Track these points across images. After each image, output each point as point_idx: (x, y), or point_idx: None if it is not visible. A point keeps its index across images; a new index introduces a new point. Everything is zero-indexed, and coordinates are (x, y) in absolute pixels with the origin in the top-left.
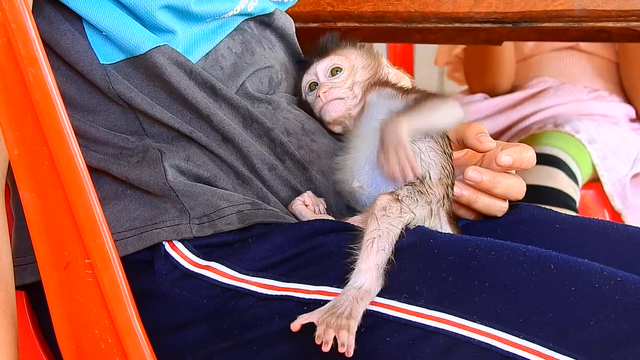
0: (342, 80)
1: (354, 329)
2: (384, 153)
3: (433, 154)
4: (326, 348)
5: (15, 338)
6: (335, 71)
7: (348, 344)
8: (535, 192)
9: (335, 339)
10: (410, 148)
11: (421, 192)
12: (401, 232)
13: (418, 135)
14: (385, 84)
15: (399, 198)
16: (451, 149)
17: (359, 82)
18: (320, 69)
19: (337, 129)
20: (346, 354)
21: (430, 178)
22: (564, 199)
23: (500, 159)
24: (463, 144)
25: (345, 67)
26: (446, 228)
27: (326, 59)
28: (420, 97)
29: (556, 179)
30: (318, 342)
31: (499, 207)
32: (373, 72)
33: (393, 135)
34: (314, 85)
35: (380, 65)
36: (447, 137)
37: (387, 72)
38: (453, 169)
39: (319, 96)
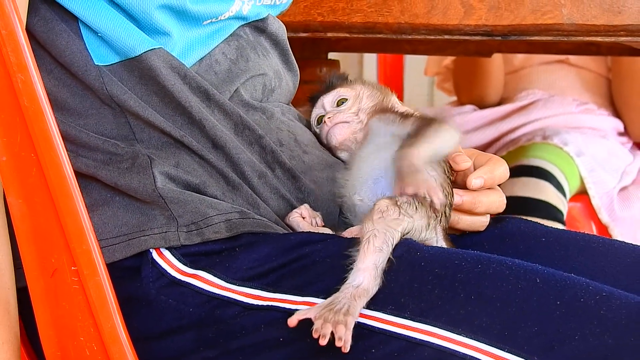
0: (348, 107)
1: (352, 325)
2: (401, 181)
3: (435, 173)
4: (323, 342)
5: (17, 336)
6: (341, 102)
7: (345, 339)
8: (523, 204)
9: (332, 334)
10: (426, 173)
11: (421, 203)
12: (400, 235)
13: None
14: (386, 109)
15: (398, 203)
16: (451, 174)
17: (364, 109)
18: (327, 101)
19: (344, 155)
20: (343, 349)
21: None
22: (552, 212)
23: (471, 183)
24: None
25: (351, 95)
26: (441, 243)
27: (333, 92)
28: (421, 124)
29: (544, 191)
30: (315, 335)
31: (481, 223)
32: (378, 100)
33: (409, 166)
34: (321, 118)
35: (387, 96)
36: (448, 162)
37: (394, 102)
38: (452, 192)
39: (325, 122)
